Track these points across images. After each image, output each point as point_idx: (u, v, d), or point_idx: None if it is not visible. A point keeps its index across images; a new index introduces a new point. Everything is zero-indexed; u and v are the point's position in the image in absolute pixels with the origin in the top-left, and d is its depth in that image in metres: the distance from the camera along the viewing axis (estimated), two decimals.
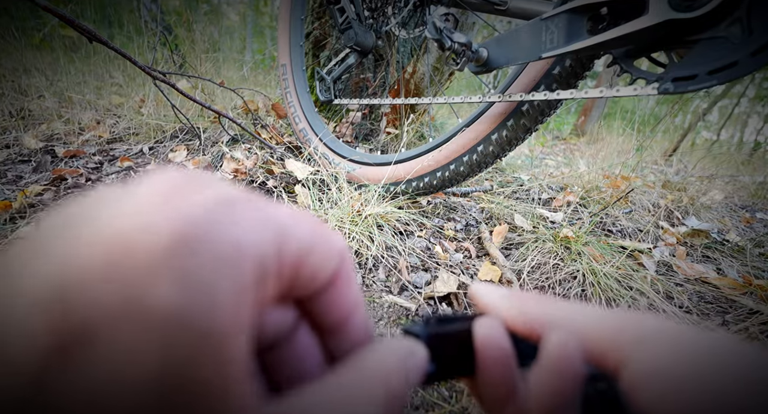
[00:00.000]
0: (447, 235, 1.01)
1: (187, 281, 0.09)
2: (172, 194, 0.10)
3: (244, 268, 0.10)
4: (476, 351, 0.18)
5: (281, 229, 0.12)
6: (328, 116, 1.61)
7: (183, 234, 0.09)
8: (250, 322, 0.10)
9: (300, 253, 0.13)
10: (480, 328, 0.18)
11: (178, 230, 0.09)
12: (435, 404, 0.51)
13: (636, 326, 0.16)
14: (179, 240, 0.09)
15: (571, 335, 0.16)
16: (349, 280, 0.16)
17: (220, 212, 0.11)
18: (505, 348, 0.18)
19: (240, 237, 0.10)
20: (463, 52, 0.77)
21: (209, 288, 0.09)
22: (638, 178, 1.69)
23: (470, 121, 0.91)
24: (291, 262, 0.13)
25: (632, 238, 1.16)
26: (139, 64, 1.04)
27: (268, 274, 0.11)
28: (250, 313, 0.10)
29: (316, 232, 0.14)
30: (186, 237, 0.09)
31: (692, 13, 0.50)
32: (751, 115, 9.53)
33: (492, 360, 0.18)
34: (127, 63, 1.71)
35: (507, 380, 0.18)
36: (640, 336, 0.16)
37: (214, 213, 0.10)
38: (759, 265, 1.06)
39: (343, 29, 1.09)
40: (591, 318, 0.17)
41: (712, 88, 0.53)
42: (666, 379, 0.15)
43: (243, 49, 5.30)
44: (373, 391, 0.13)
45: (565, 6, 0.62)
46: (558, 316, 0.18)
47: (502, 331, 0.18)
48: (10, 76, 1.61)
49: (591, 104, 5.13)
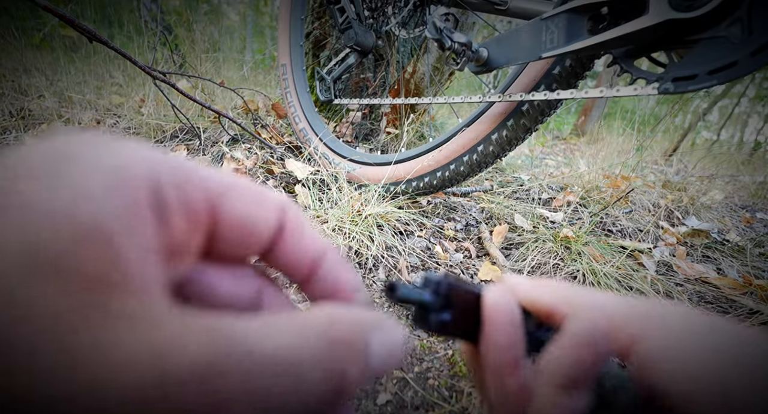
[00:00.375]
0: (447, 235, 1.01)
1: (69, 186, 0.10)
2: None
3: (132, 187, 0.11)
4: (483, 313, 0.18)
5: (180, 169, 0.13)
6: (328, 116, 1.61)
7: (76, 157, 0.11)
8: (154, 246, 0.11)
9: (209, 196, 0.13)
10: (490, 293, 0.18)
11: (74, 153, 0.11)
12: (435, 404, 0.51)
13: (648, 310, 0.17)
14: (71, 160, 0.11)
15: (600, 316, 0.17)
16: (299, 230, 0.16)
17: (116, 146, 0.12)
18: (511, 312, 0.18)
19: (128, 163, 0.11)
20: (463, 52, 0.77)
21: (91, 192, 0.10)
22: (638, 178, 1.69)
23: (470, 120, 0.91)
24: (203, 201, 0.13)
25: (632, 238, 1.16)
26: (139, 64, 1.04)
27: (168, 204, 0.12)
28: (151, 234, 0.11)
29: (228, 181, 0.14)
30: (77, 159, 0.11)
31: (692, 13, 0.50)
32: (751, 115, 9.53)
33: (497, 324, 0.18)
34: (127, 63, 1.71)
35: (511, 347, 0.18)
36: (652, 318, 0.17)
37: (108, 145, 0.12)
38: (759, 265, 1.06)
39: (343, 29, 1.09)
40: (607, 301, 0.18)
41: (712, 88, 0.53)
42: (676, 356, 0.16)
43: (243, 49, 5.30)
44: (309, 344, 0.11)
45: (566, 6, 0.62)
46: (576, 300, 0.19)
47: (511, 299, 0.18)
48: (10, 75, 1.61)
49: (591, 104, 5.13)
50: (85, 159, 0.11)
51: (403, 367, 0.57)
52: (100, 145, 0.11)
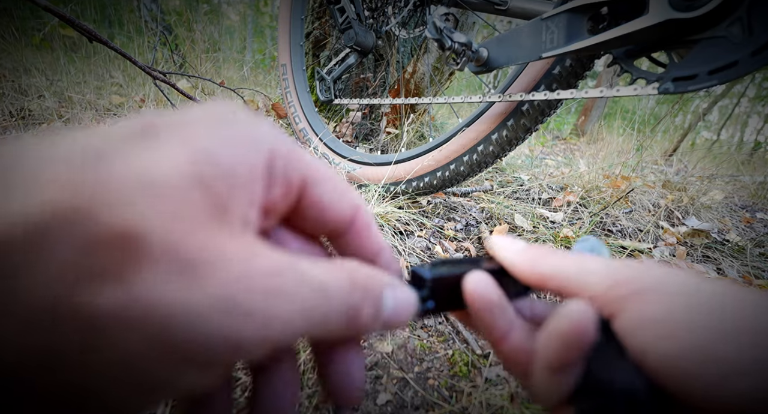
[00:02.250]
0: (447, 235, 1.01)
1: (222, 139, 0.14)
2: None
3: (258, 150, 0.14)
4: (465, 298, 0.20)
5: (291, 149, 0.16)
6: (328, 116, 1.61)
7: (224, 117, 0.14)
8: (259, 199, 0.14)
9: (306, 176, 0.16)
10: (469, 282, 0.20)
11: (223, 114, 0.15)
12: (435, 404, 0.51)
13: (635, 278, 0.18)
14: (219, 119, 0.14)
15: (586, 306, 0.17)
16: (367, 228, 0.19)
17: (254, 118, 0.15)
18: (490, 298, 0.20)
19: (259, 133, 0.15)
20: (464, 52, 0.77)
21: (234, 143, 0.14)
22: (638, 178, 1.69)
23: (470, 120, 0.91)
24: (298, 179, 0.16)
25: (632, 237, 1.16)
26: (139, 64, 1.04)
27: (276, 173, 0.15)
28: (259, 189, 0.14)
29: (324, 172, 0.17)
30: (230, 120, 0.14)
31: (693, 13, 0.50)
32: (751, 115, 9.53)
33: (479, 308, 0.20)
34: (127, 63, 1.71)
35: (494, 324, 0.20)
36: (632, 290, 0.17)
37: (249, 116, 0.15)
38: (759, 265, 1.06)
39: (343, 29, 1.09)
40: (594, 271, 0.19)
41: (712, 87, 0.53)
42: (656, 326, 0.16)
43: (243, 49, 5.30)
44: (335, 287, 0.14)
45: (566, 6, 0.62)
46: (565, 270, 0.19)
47: (489, 283, 0.20)
48: (10, 76, 1.61)
49: (591, 104, 5.13)
50: (235, 121, 0.14)
51: (403, 366, 0.57)
52: (245, 114, 0.15)
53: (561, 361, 0.17)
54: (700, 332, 0.15)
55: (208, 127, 0.13)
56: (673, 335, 0.15)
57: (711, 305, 0.16)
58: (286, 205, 0.16)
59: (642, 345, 0.16)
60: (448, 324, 0.67)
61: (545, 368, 0.18)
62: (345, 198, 0.18)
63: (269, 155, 0.15)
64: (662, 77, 0.57)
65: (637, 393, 0.16)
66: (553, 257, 0.20)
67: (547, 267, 0.20)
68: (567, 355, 0.17)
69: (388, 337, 0.62)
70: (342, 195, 0.18)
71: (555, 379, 0.18)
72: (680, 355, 0.15)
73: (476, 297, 0.19)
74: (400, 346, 0.61)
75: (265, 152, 0.14)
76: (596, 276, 0.19)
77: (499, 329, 0.20)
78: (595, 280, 0.18)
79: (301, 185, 0.16)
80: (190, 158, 0.12)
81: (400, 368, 0.56)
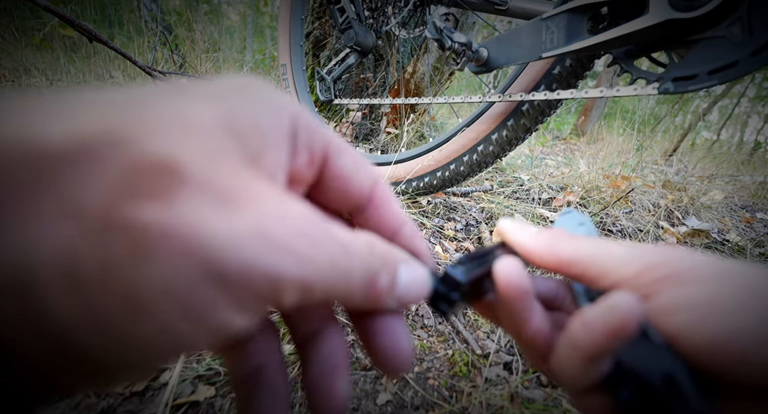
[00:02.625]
0: (447, 235, 1.01)
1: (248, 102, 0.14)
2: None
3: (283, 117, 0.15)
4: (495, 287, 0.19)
5: (311, 120, 0.16)
6: (328, 116, 1.61)
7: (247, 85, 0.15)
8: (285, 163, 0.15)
9: (327, 147, 0.16)
10: (500, 272, 0.19)
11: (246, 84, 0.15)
12: (435, 404, 0.51)
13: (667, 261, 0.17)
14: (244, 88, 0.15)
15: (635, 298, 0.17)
16: (386, 201, 0.19)
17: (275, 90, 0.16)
18: (524, 287, 0.19)
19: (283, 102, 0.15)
20: (464, 52, 0.77)
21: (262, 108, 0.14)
22: (638, 178, 1.69)
23: (470, 120, 0.91)
24: (320, 149, 0.16)
25: (632, 237, 1.16)
26: (139, 64, 1.04)
27: (299, 140, 0.15)
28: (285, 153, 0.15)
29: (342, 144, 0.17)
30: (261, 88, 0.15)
31: (693, 13, 0.50)
32: (751, 115, 9.53)
33: (512, 298, 0.19)
34: (127, 63, 1.71)
35: (523, 310, 0.19)
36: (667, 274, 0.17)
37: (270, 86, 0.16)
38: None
39: (343, 29, 1.09)
40: (617, 255, 0.19)
41: (712, 87, 0.53)
42: (697, 309, 0.16)
43: (243, 49, 5.30)
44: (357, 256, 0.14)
45: (566, 6, 0.62)
46: (586, 254, 0.19)
47: (521, 273, 0.19)
48: (10, 75, 1.61)
49: (591, 104, 5.13)
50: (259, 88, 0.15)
51: None
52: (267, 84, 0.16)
53: (601, 351, 0.17)
54: (750, 314, 0.15)
55: (235, 91, 0.14)
56: (719, 318, 0.15)
57: (756, 288, 0.16)
58: (310, 175, 0.16)
59: (680, 328, 0.16)
60: (448, 324, 0.67)
61: (580, 357, 0.17)
62: (364, 170, 0.18)
63: (292, 123, 0.15)
64: (662, 77, 0.57)
65: (676, 375, 0.16)
66: (571, 241, 0.20)
67: (567, 251, 0.20)
68: (608, 345, 0.17)
69: None
70: (361, 167, 0.18)
71: (588, 367, 0.17)
72: (730, 337, 0.15)
73: (510, 285, 0.19)
74: None
75: (288, 120, 0.15)
76: (622, 261, 0.18)
77: (524, 314, 0.20)
78: (622, 264, 0.18)
79: (323, 156, 0.16)
80: (222, 111, 0.13)
81: None
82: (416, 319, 0.67)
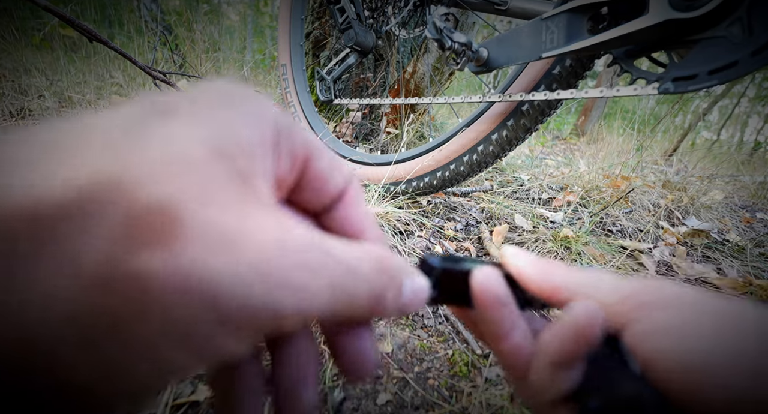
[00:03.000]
0: (447, 235, 1.01)
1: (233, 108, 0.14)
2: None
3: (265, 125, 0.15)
4: (472, 291, 0.20)
5: (292, 124, 0.16)
6: (328, 116, 1.61)
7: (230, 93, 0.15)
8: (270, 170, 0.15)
9: (307, 150, 0.17)
10: (478, 275, 0.20)
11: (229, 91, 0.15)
12: (435, 404, 0.51)
13: (646, 293, 0.18)
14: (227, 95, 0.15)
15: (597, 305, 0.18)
16: (357, 201, 0.19)
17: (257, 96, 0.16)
18: (499, 294, 0.20)
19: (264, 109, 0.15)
20: (464, 52, 0.77)
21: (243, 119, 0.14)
22: (638, 178, 1.69)
23: (470, 120, 0.91)
24: (301, 154, 0.16)
25: (632, 237, 1.16)
26: (139, 64, 1.04)
27: (282, 146, 0.15)
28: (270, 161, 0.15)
29: (319, 144, 0.18)
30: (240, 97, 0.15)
31: (693, 13, 0.50)
32: (751, 115, 9.53)
33: (485, 303, 0.20)
34: (127, 63, 1.71)
35: (500, 321, 0.20)
36: (645, 302, 0.18)
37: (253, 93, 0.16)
38: (759, 265, 1.06)
39: (343, 29, 1.09)
40: (605, 285, 0.20)
41: (712, 87, 0.53)
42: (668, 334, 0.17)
43: (243, 49, 5.30)
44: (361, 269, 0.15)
45: (566, 6, 0.62)
46: (576, 282, 0.20)
47: (498, 280, 0.20)
48: (10, 75, 1.61)
49: (591, 104, 5.13)
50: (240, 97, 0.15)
51: (403, 366, 0.57)
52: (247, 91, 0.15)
53: (565, 354, 0.18)
54: (704, 339, 0.16)
55: (218, 105, 0.14)
56: (683, 342, 0.16)
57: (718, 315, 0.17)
58: (291, 180, 0.17)
59: (652, 352, 0.17)
60: (448, 324, 0.67)
61: (548, 362, 0.18)
62: (339, 171, 0.18)
63: (274, 131, 0.15)
64: (662, 77, 0.57)
65: (641, 395, 0.17)
66: (565, 269, 0.21)
67: (560, 278, 0.21)
68: (571, 348, 0.18)
69: (389, 337, 0.62)
70: (337, 168, 0.18)
71: (556, 374, 0.18)
72: (687, 359, 0.16)
73: (484, 291, 0.20)
74: (400, 346, 0.61)
75: (271, 129, 0.15)
76: (609, 286, 0.20)
77: (503, 327, 0.20)
78: (608, 290, 0.19)
79: (304, 159, 0.17)
80: (209, 133, 0.13)
81: (400, 368, 0.56)
82: (416, 319, 0.67)
